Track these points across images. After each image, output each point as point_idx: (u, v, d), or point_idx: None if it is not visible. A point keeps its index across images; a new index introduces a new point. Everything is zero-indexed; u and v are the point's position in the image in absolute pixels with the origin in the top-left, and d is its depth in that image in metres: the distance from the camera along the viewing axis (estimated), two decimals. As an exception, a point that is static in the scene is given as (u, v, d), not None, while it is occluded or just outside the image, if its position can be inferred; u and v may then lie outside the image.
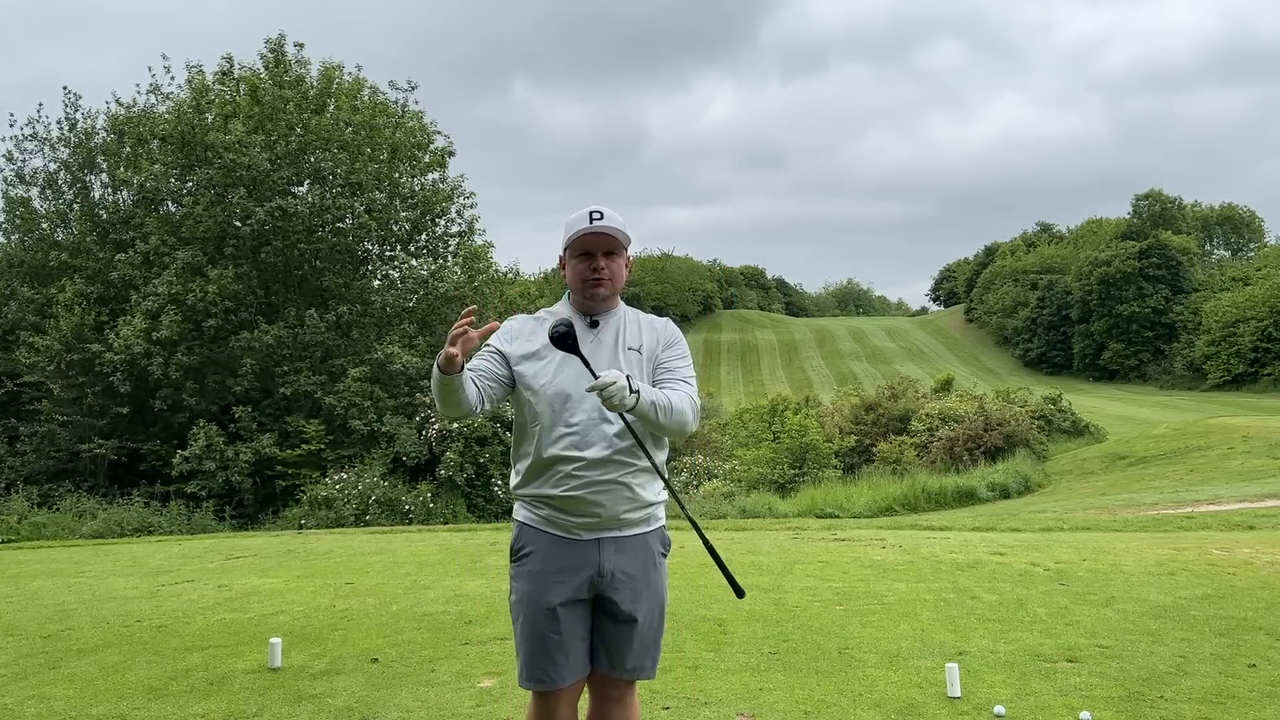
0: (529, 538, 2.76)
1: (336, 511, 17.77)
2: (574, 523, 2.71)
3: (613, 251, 2.77)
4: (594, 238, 2.74)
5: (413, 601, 6.87)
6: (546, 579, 2.70)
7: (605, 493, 2.67)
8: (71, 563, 10.17)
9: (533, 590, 2.72)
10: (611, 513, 2.70)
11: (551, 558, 2.71)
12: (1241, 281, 75.88)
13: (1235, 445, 25.56)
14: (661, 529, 2.87)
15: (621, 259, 2.81)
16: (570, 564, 2.70)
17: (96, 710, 4.43)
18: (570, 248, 2.77)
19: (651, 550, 2.81)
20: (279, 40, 23.87)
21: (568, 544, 2.72)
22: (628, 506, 2.72)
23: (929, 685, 4.42)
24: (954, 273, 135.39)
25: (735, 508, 19.24)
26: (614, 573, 2.72)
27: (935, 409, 32.51)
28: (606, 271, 2.76)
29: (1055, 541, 9.39)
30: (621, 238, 2.76)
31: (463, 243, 25.60)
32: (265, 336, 21.11)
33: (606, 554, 2.71)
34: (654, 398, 2.61)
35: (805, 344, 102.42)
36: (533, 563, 2.73)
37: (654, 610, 2.80)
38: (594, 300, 2.78)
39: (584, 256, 2.76)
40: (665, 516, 2.91)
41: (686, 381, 2.82)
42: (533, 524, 2.77)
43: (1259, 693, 4.22)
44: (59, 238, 24.61)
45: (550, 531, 2.73)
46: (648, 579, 2.78)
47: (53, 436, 21.12)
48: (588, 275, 2.75)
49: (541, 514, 2.75)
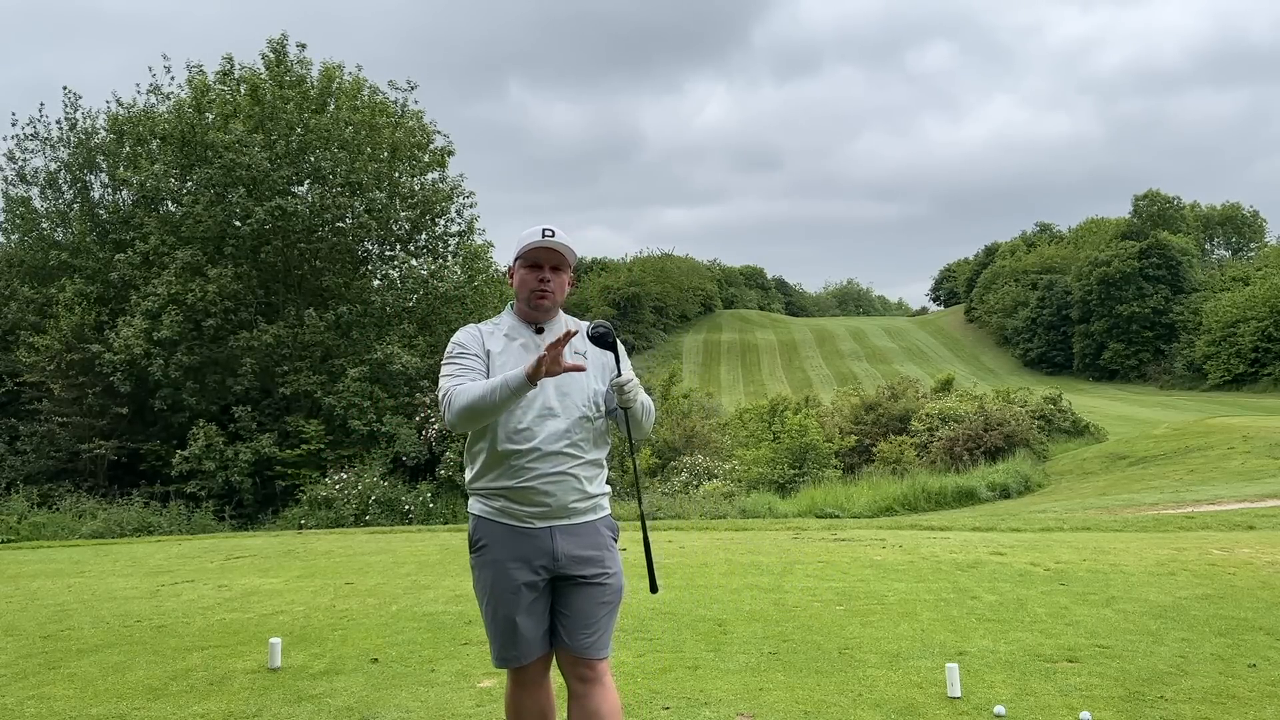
0: (484, 530, 2.97)
1: (336, 511, 17.77)
2: (526, 512, 2.91)
3: (559, 267, 3.01)
4: (544, 251, 2.96)
5: (413, 601, 6.87)
6: (505, 565, 2.91)
7: (556, 483, 2.89)
8: (71, 563, 10.17)
9: (495, 576, 2.93)
10: (561, 502, 2.91)
11: (508, 546, 2.92)
12: (1241, 281, 75.86)
13: (1235, 445, 25.56)
14: (608, 517, 3.08)
15: (566, 275, 3.04)
16: (526, 552, 2.91)
17: (96, 710, 4.43)
18: (521, 258, 3.00)
19: (601, 535, 3.01)
20: (281, 40, 23.88)
21: (522, 533, 2.92)
22: (576, 497, 2.94)
23: (929, 685, 4.42)
24: (954, 273, 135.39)
25: (735, 508, 19.23)
26: (566, 554, 2.92)
27: (935, 409, 32.52)
28: (552, 284, 2.99)
29: (1055, 541, 9.39)
30: (569, 256, 2.99)
31: (462, 242, 25.60)
32: (265, 336, 21.11)
33: (558, 540, 2.92)
34: (645, 400, 3.00)
35: (805, 344, 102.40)
36: (491, 552, 2.94)
37: (608, 587, 2.99)
38: (538, 310, 3.02)
39: (533, 268, 2.99)
40: (610, 507, 3.11)
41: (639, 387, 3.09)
42: (488, 516, 2.97)
43: (1259, 693, 4.22)
44: (59, 237, 24.61)
45: (505, 522, 2.94)
46: (601, 558, 2.98)
47: (53, 436, 21.12)
48: (535, 286, 2.99)
49: (496, 505, 2.95)
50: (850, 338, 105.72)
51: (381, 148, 23.71)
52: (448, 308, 23.51)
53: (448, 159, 25.43)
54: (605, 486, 3.08)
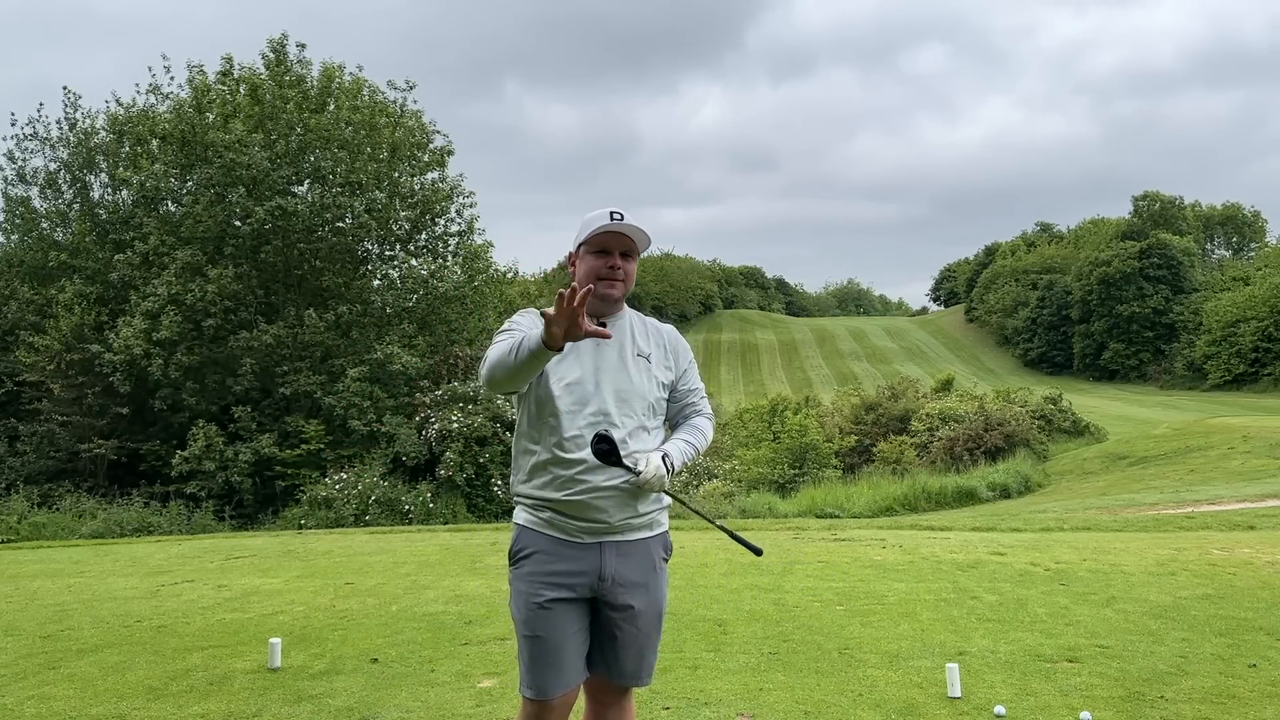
0: (528, 540, 2.72)
1: (336, 511, 17.76)
2: (576, 526, 2.66)
3: (629, 253, 2.73)
4: (613, 236, 2.68)
5: (413, 601, 6.86)
6: (545, 580, 2.66)
7: (608, 499, 2.63)
8: (71, 563, 10.17)
9: (532, 592, 2.66)
10: (614, 518, 2.66)
11: (551, 559, 2.67)
12: (1242, 281, 75.85)
13: (1235, 445, 25.57)
14: (664, 534, 2.83)
15: (635, 262, 2.77)
16: (570, 566, 2.66)
17: (96, 710, 4.43)
18: (588, 243, 2.71)
19: (653, 555, 2.77)
20: (281, 40, 23.88)
21: (569, 546, 2.67)
22: (630, 514, 2.68)
23: (929, 685, 4.41)
24: (954, 272, 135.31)
25: (735, 508, 19.24)
26: (614, 577, 2.67)
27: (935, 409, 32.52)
28: (622, 271, 2.71)
29: (1055, 541, 9.39)
30: (641, 241, 2.72)
31: (462, 242, 25.60)
32: (265, 336, 21.10)
33: (608, 558, 2.67)
34: (685, 454, 2.74)
35: (805, 344, 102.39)
36: (532, 564, 2.69)
37: (653, 615, 2.77)
38: (606, 300, 2.72)
39: (601, 254, 2.70)
40: (668, 522, 2.89)
41: (704, 397, 2.93)
42: (533, 526, 2.72)
43: (1259, 693, 4.22)
44: (59, 238, 24.62)
45: (550, 534, 2.69)
46: (648, 584, 2.74)
47: (52, 436, 21.12)
48: (604, 273, 2.69)
49: (543, 516, 2.70)
50: (850, 338, 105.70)
51: (381, 147, 23.70)
52: (448, 308, 23.50)
53: (447, 159, 25.43)
54: (664, 499, 2.79)
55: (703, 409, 2.91)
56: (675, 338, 2.91)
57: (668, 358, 2.83)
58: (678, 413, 2.90)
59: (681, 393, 2.87)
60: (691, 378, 2.89)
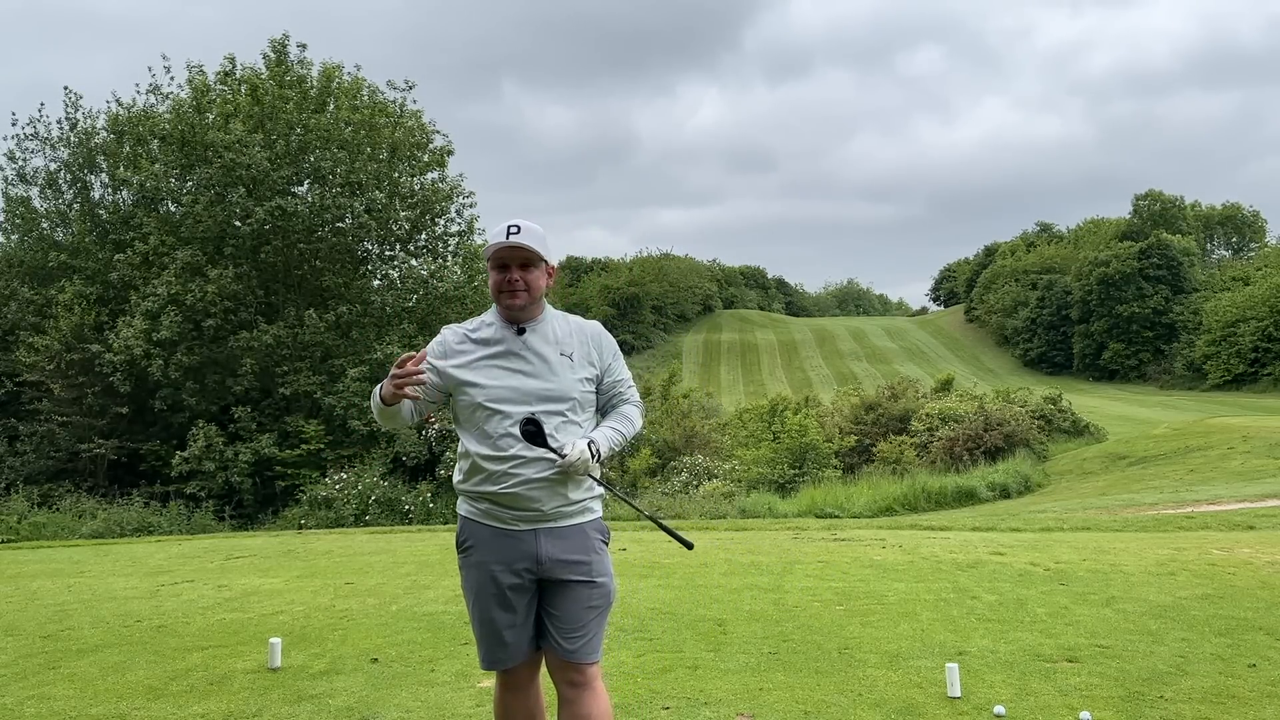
0: (470, 531, 2.98)
1: (336, 511, 17.77)
2: (512, 515, 2.89)
3: (528, 264, 2.91)
4: (508, 251, 2.88)
5: (413, 601, 6.86)
6: (489, 567, 2.91)
7: (540, 489, 2.85)
8: (71, 563, 10.17)
9: (479, 578, 2.94)
10: (546, 507, 2.87)
11: (493, 548, 2.91)
12: (1242, 281, 75.89)
13: (1235, 445, 25.58)
14: (598, 520, 3.02)
15: (539, 270, 2.94)
16: (510, 554, 2.89)
17: (96, 710, 4.43)
18: (489, 260, 2.93)
19: (589, 538, 2.96)
20: (282, 40, 23.89)
21: (507, 535, 2.90)
22: (561, 502, 2.89)
23: (929, 685, 4.41)
24: (954, 273, 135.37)
25: (735, 508, 19.25)
26: (550, 557, 2.88)
27: (935, 409, 32.53)
28: (521, 282, 2.90)
29: (1055, 541, 9.39)
30: (538, 248, 2.89)
31: (462, 242, 25.60)
32: (265, 336, 21.11)
33: (543, 543, 2.88)
34: (612, 440, 2.95)
35: (805, 344, 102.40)
36: (476, 553, 2.95)
37: (595, 592, 2.93)
38: (510, 309, 2.93)
39: (500, 269, 2.91)
40: (601, 509, 3.05)
41: (631, 386, 3.11)
42: (474, 518, 2.97)
43: (1259, 693, 4.22)
44: (59, 238, 24.64)
45: (489, 524, 2.93)
46: (589, 562, 2.93)
47: (52, 436, 21.13)
48: (503, 286, 2.91)
49: (481, 508, 2.95)
50: (850, 338, 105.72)
51: (381, 148, 23.71)
52: (448, 308, 23.51)
53: (447, 159, 25.45)
54: (594, 489, 2.98)
55: (630, 398, 3.09)
56: (598, 332, 3.08)
57: (591, 353, 3.01)
58: (606, 403, 3.08)
59: (608, 384, 3.05)
60: (617, 369, 3.07)
